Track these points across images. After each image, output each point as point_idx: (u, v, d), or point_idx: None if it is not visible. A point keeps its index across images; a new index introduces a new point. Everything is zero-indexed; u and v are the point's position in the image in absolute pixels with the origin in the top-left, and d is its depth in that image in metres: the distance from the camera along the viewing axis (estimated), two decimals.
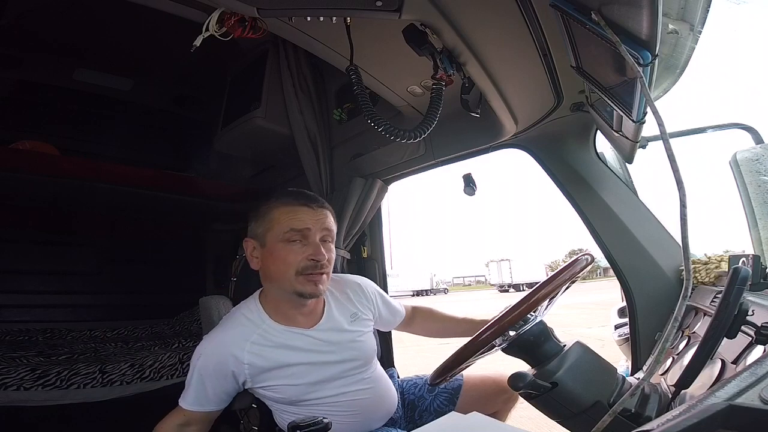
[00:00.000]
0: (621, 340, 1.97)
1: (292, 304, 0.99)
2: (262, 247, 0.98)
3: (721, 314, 0.56)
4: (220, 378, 0.94)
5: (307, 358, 0.99)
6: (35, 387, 1.65)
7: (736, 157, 1.08)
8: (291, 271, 0.93)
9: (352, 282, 1.16)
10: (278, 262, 0.95)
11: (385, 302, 1.21)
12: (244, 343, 0.95)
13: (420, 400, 1.25)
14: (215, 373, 0.94)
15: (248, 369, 0.95)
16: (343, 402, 1.03)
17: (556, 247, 64.52)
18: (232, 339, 0.95)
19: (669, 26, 0.74)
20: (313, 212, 0.97)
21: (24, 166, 1.87)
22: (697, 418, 0.30)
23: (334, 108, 1.86)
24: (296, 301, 0.98)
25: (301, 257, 0.94)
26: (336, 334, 1.04)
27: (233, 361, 0.94)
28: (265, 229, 0.97)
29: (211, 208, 2.50)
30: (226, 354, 0.94)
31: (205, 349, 0.96)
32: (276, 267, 0.96)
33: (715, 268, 1.15)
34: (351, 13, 0.90)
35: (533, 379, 0.73)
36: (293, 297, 0.97)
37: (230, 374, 0.95)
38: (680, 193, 0.44)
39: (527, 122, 1.34)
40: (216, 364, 0.94)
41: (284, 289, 0.96)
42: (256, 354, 0.95)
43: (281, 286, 0.96)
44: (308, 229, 0.95)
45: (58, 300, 2.65)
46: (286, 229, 0.94)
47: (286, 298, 0.98)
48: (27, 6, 1.82)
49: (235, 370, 0.94)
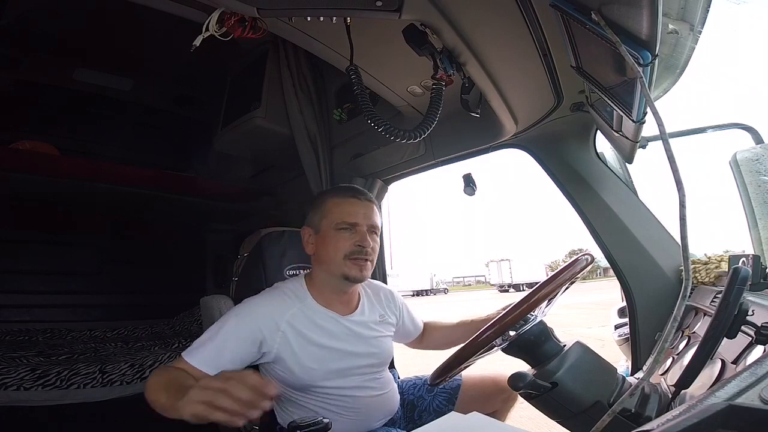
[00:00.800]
0: (621, 340, 1.97)
1: (335, 289, 1.07)
2: (317, 233, 1.08)
3: (721, 314, 0.56)
4: (248, 341, 0.95)
5: (335, 343, 1.03)
6: (35, 387, 1.65)
7: (736, 157, 1.08)
8: (340, 254, 1.02)
9: (385, 288, 1.25)
10: (330, 246, 1.04)
11: (409, 314, 1.28)
12: (285, 312, 1.00)
13: (419, 400, 1.25)
14: (246, 335, 0.95)
15: (280, 338, 0.97)
16: (351, 397, 1.05)
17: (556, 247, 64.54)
18: (274, 306, 1.01)
19: (669, 26, 0.74)
20: (360, 204, 1.07)
21: (24, 166, 1.87)
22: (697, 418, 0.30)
23: (334, 108, 1.86)
24: (340, 286, 1.06)
25: (351, 243, 1.03)
26: (365, 328, 1.10)
27: (270, 325, 0.97)
28: (320, 217, 1.07)
29: (211, 208, 2.50)
30: (265, 318, 0.97)
31: (242, 310, 0.99)
32: (327, 251, 1.05)
33: (715, 268, 1.15)
34: (351, 13, 0.90)
35: (533, 379, 0.73)
36: (339, 281, 1.05)
37: (259, 339, 0.95)
38: (680, 193, 0.44)
39: (527, 122, 1.34)
40: (251, 324, 0.96)
41: (332, 273, 1.04)
42: (293, 325, 0.99)
43: (330, 269, 1.04)
44: (356, 222, 1.04)
45: (58, 300, 2.65)
46: (339, 220, 1.04)
47: (332, 282, 1.06)
48: (27, 6, 1.82)
49: (267, 336, 0.96)
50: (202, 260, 2.96)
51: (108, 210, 2.59)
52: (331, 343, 1.03)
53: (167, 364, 0.95)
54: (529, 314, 0.80)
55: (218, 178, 2.58)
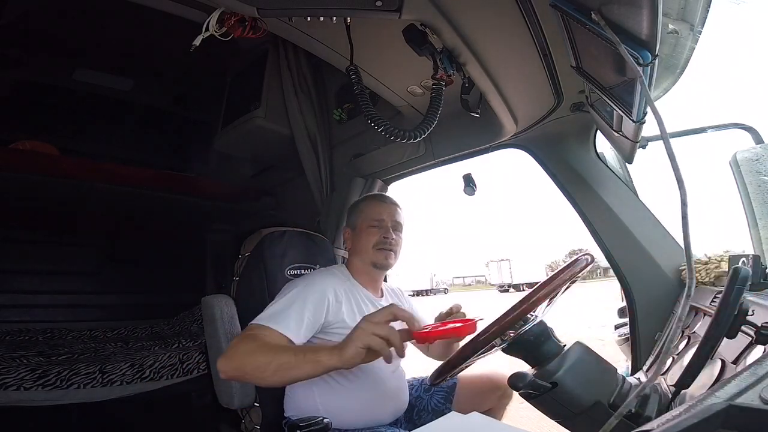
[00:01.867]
0: (621, 340, 1.97)
1: (367, 276, 1.26)
2: (353, 230, 1.29)
3: (721, 314, 0.56)
4: (320, 305, 1.07)
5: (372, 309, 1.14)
6: (35, 387, 1.65)
7: (736, 157, 1.08)
8: (370, 245, 1.23)
9: (397, 287, 1.44)
10: (363, 239, 1.25)
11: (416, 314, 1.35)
12: (341, 283, 1.18)
13: (418, 400, 1.27)
14: (318, 300, 1.07)
15: (336, 304, 1.11)
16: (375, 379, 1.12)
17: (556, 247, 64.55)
18: (332, 278, 1.18)
19: (669, 26, 0.74)
20: (386, 205, 1.29)
21: (24, 166, 1.86)
22: (697, 418, 0.30)
23: (334, 108, 1.86)
24: (371, 273, 1.26)
25: (379, 236, 1.24)
26: None
27: (331, 291, 1.12)
28: (356, 218, 1.30)
29: (211, 208, 2.50)
30: (328, 286, 1.13)
31: (309, 278, 1.15)
32: (361, 243, 1.25)
33: (715, 268, 1.15)
34: (351, 13, 0.90)
35: (533, 379, 0.73)
36: (370, 268, 1.24)
37: (326, 303, 1.09)
38: (681, 192, 0.44)
39: (527, 122, 1.34)
40: (318, 291, 1.09)
41: (365, 261, 1.24)
42: (345, 295, 1.16)
43: (363, 258, 1.24)
44: (383, 219, 1.26)
45: (58, 300, 2.64)
46: (370, 219, 1.26)
47: (365, 269, 1.25)
48: (27, 6, 1.82)
49: (331, 300, 1.10)
50: (202, 260, 2.95)
51: (108, 210, 2.58)
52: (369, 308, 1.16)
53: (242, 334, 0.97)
54: (529, 314, 0.80)
55: (218, 178, 2.58)
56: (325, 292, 1.10)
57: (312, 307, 1.05)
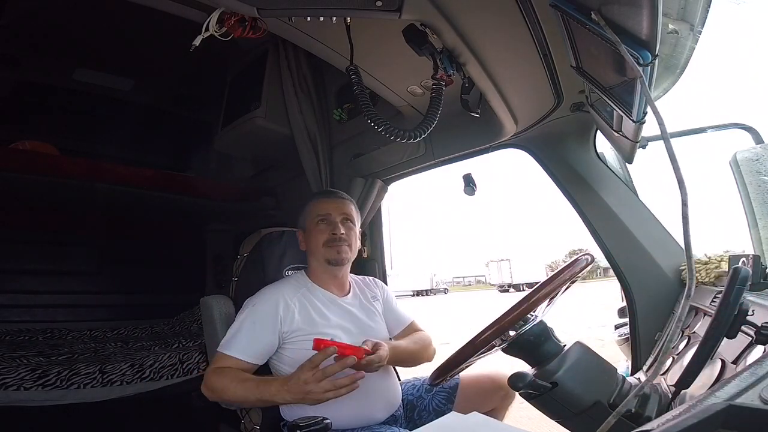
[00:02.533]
0: (621, 340, 1.97)
1: (326, 274, 1.24)
2: (304, 231, 1.27)
3: (721, 314, 0.56)
4: (270, 324, 1.10)
5: (336, 321, 1.18)
6: (35, 387, 1.65)
7: (736, 157, 1.08)
8: (320, 243, 1.21)
9: (368, 277, 1.42)
10: (312, 239, 1.23)
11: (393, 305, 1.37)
12: (294, 293, 1.17)
13: (419, 400, 1.26)
14: (268, 316, 1.10)
15: (292, 315, 1.12)
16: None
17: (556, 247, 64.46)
18: (284, 289, 1.17)
19: (669, 26, 0.74)
20: (332, 200, 1.27)
21: (24, 166, 1.86)
22: (697, 418, 0.30)
23: (334, 108, 1.86)
24: (329, 270, 1.23)
25: (327, 232, 1.21)
26: (358, 308, 1.25)
27: (284, 305, 1.12)
28: (304, 218, 1.28)
29: (211, 208, 2.50)
30: (279, 298, 1.13)
31: (258, 298, 1.15)
32: (311, 243, 1.24)
33: (715, 268, 1.15)
34: (351, 13, 0.89)
35: (533, 379, 0.73)
36: (325, 266, 1.22)
37: (278, 319, 1.10)
38: (682, 192, 0.44)
39: (527, 122, 1.34)
40: (269, 307, 1.11)
41: (319, 260, 1.22)
42: (302, 303, 1.15)
43: (317, 257, 1.22)
44: (329, 214, 1.23)
45: (58, 300, 2.64)
46: (315, 216, 1.24)
47: (322, 268, 1.23)
48: (27, 6, 1.82)
49: (284, 314, 1.11)
50: (202, 260, 2.95)
51: (108, 210, 2.58)
52: (332, 320, 1.17)
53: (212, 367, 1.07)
54: (529, 314, 0.80)
55: (218, 178, 2.58)
56: (273, 307, 1.12)
57: (261, 327, 1.09)
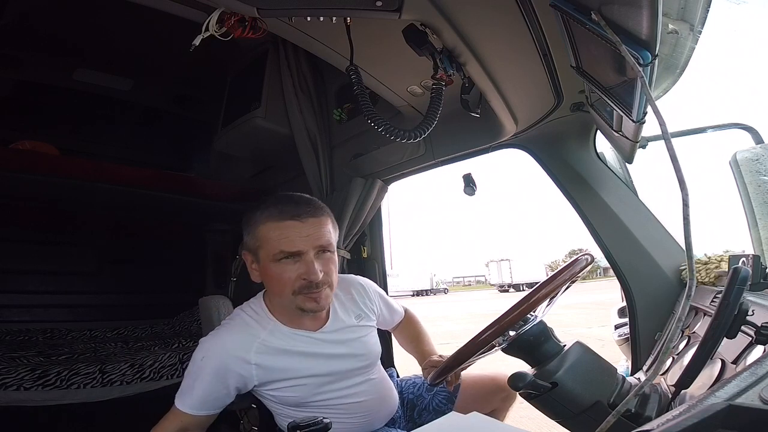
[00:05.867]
0: (621, 340, 1.97)
1: (298, 313, 0.96)
2: (258, 263, 0.94)
3: (721, 314, 0.56)
4: (224, 380, 0.91)
5: (314, 361, 0.98)
6: (35, 387, 1.65)
7: (736, 157, 1.08)
8: (287, 290, 0.90)
9: (355, 282, 1.16)
10: (274, 281, 0.92)
11: (385, 303, 1.23)
12: (251, 344, 0.92)
13: (419, 399, 1.25)
14: (220, 374, 0.90)
15: (256, 369, 0.92)
16: (348, 404, 1.03)
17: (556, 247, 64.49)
18: (239, 341, 0.93)
19: (669, 26, 0.74)
20: (302, 226, 0.90)
21: (24, 166, 1.87)
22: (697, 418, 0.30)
23: (334, 108, 1.86)
24: (301, 316, 0.97)
25: (296, 276, 0.90)
26: (341, 335, 1.03)
27: (240, 363, 0.91)
28: (256, 246, 0.93)
29: (211, 208, 2.50)
30: (233, 356, 0.91)
31: (208, 350, 0.92)
32: (272, 285, 0.94)
33: (715, 268, 1.15)
34: (351, 13, 0.90)
35: (533, 379, 0.73)
36: (298, 313, 0.95)
37: (235, 376, 0.91)
38: (683, 192, 0.44)
39: (527, 122, 1.34)
40: (221, 365, 0.90)
41: (286, 306, 0.95)
42: (264, 354, 0.93)
43: (282, 302, 0.95)
44: (299, 251, 0.89)
45: (58, 300, 2.65)
46: (276, 251, 0.89)
47: (291, 312, 0.96)
48: (27, 6, 1.82)
49: (242, 372, 0.91)
50: (201, 260, 2.96)
51: (108, 210, 2.58)
52: (308, 363, 0.97)
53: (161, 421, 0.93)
54: (529, 314, 0.80)
55: (218, 178, 2.58)
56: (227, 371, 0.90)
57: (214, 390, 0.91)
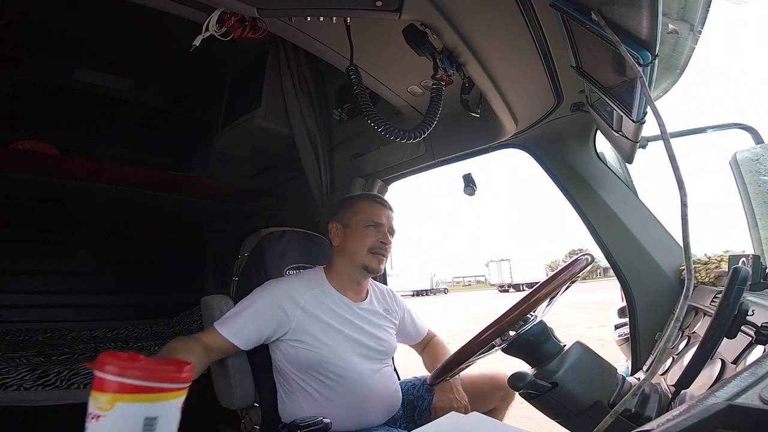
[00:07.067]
0: (621, 340, 1.97)
1: (352, 279, 1.22)
2: (345, 228, 1.22)
3: (721, 314, 0.56)
4: (270, 313, 1.08)
5: (347, 325, 1.16)
6: (35, 387, 1.65)
7: (736, 157, 1.08)
8: (365, 247, 1.18)
9: (387, 288, 1.40)
10: (358, 240, 1.19)
11: (410, 316, 1.39)
12: (305, 292, 1.14)
13: (419, 400, 1.26)
14: (269, 307, 1.09)
15: (300, 312, 1.10)
16: (356, 384, 1.10)
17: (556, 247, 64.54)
18: (296, 287, 1.15)
19: (669, 26, 0.74)
20: (386, 210, 1.24)
21: (24, 166, 1.86)
22: (697, 418, 0.30)
23: (334, 108, 1.86)
24: (357, 276, 1.21)
25: (375, 239, 1.19)
26: (373, 315, 1.23)
27: (290, 303, 1.10)
28: (351, 214, 1.22)
29: (211, 208, 2.50)
30: (287, 295, 1.11)
31: (269, 285, 1.14)
32: (355, 244, 1.20)
33: (715, 268, 1.15)
34: (351, 13, 0.90)
35: (533, 379, 0.73)
36: (358, 271, 1.20)
37: (279, 314, 1.09)
38: (681, 193, 0.44)
39: (527, 122, 1.34)
40: (274, 299, 1.10)
41: (355, 263, 1.19)
42: (311, 304, 1.13)
43: (353, 260, 1.19)
44: (381, 224, 1.21)
45: (58, 300, 2.64)
46: (368, 220, 1.20)
47: (351, 271, 1.21)
48: (27, 6, 1.82)
49: (288, 311, 1.10)
50: (202, 260, 2.96)
51: (108, 210, 2.58)
52: (342, 324, 1.15)
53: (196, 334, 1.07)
54: (529, 314, 0.80)
55: (218, 178, 2.58)
56: (278, 306, 1.09)
57: (260, 319, 1.08)
